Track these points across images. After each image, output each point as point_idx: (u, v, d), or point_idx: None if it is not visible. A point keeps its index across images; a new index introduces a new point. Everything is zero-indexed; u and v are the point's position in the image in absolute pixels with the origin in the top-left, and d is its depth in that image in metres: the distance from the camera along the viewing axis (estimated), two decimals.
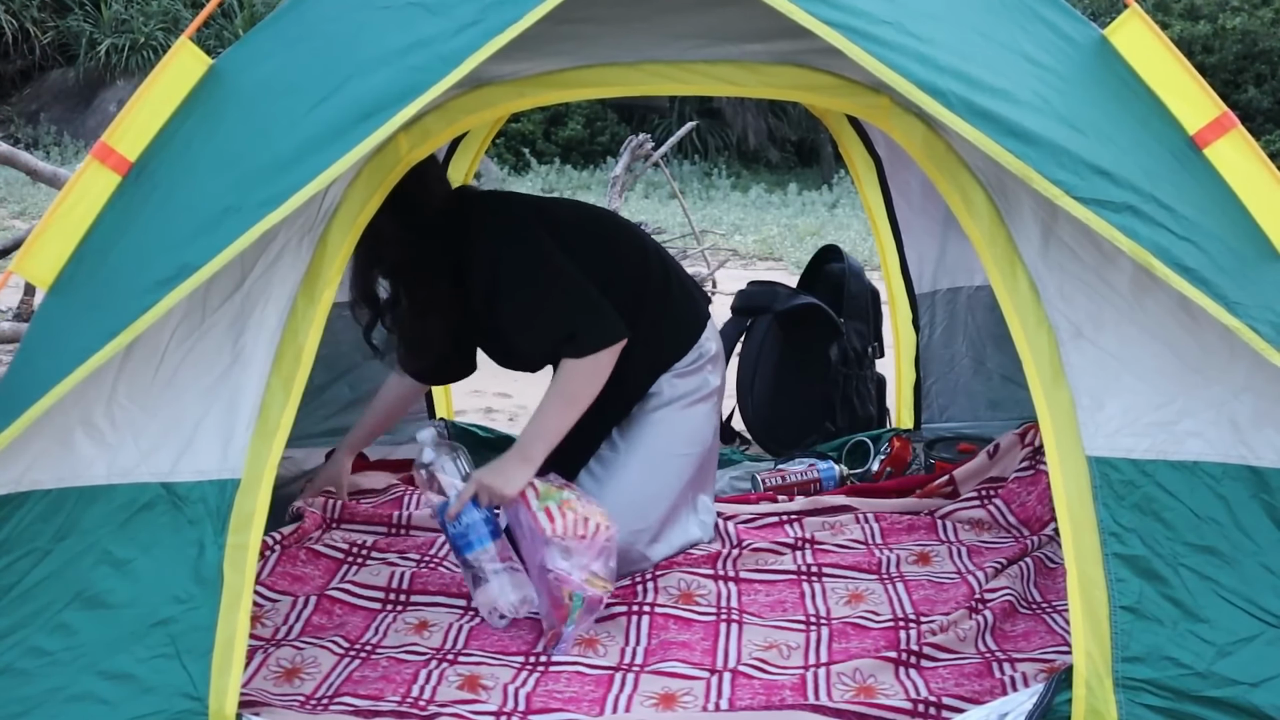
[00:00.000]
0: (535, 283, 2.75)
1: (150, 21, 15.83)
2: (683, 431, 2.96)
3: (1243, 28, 15.43)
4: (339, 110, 2.04)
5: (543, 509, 2.60)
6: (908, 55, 2.03)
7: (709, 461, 3.08)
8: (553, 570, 2.54)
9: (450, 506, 2.64)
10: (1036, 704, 2.07)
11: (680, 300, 3.02)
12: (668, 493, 2.93)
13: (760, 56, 2.31)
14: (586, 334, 2.71)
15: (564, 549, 2.56)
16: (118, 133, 2.15)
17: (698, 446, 2.98)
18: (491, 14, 2.03)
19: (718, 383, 3.05)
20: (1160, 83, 2.17)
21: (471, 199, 2.95)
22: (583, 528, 2.59)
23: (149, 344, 2.10)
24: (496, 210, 2.94)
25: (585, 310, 2.74)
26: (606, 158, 16.48)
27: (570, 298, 2.75)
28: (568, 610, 2.53)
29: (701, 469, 3.03)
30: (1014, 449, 3.42)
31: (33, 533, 2.07)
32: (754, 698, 2.29)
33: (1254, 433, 2.09)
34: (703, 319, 3.06)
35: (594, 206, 3.31)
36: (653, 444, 2.92)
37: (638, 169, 8.73)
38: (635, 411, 2.94)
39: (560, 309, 2.74)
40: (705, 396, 3.00)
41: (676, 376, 2.96)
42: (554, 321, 2.74)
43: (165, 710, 2.00)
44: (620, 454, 2.92)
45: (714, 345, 3.06)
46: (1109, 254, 2.11)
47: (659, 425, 2.94)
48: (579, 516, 2.60)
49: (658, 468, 2.92)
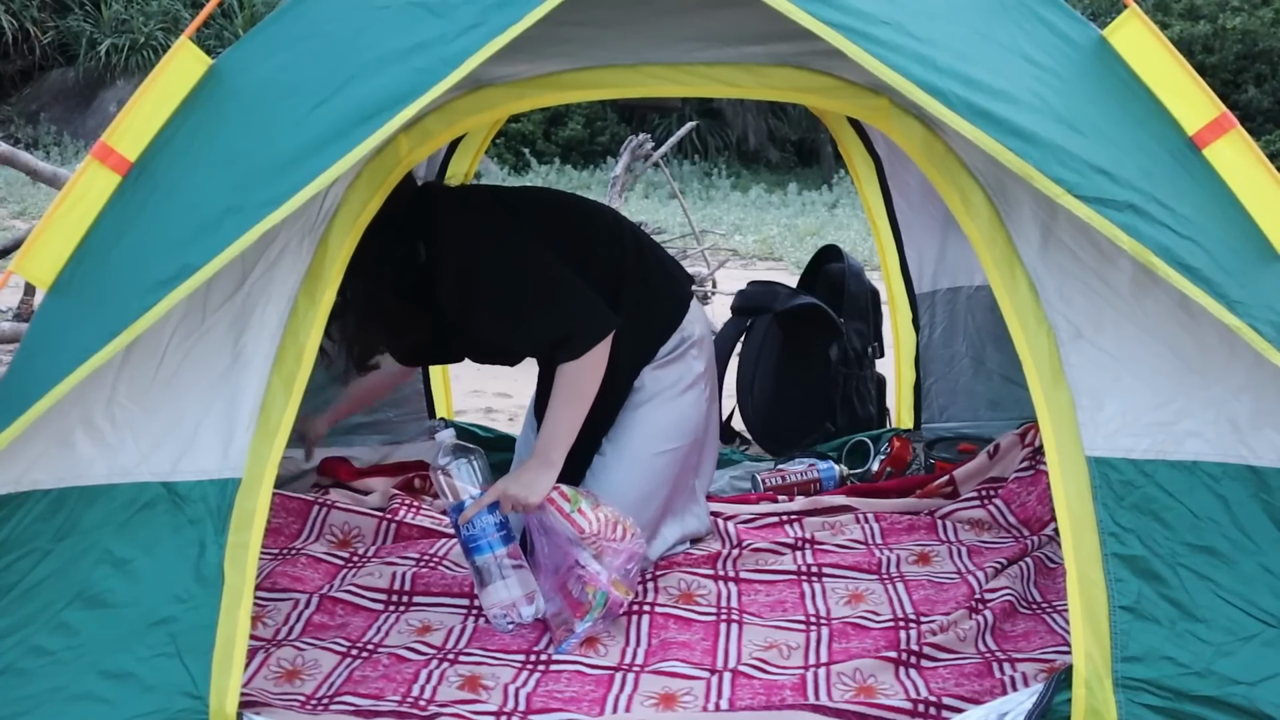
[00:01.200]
0: (519, 286, 2.66)
1: (150, 21, 15.82)
2: (668, 426, 2.89)
3: (1243, 28, 15.43)
4: (340, 111, 2.04)
5: (576, 510, 2.60)
6: (907, 56, 2.03)
7: (705, 449, 3.02)
8: (585, 569, 2.54)
9: (465, 511, 2.62)
10: (1036, 704, 2.07)
11: (660, 282, 2.93)
12: (659, 490, 2.89)
13: (759, 58, 2.31)
14: (580, 335, 2.64)
15: (596, 550, 2.57)
16: (118, 133, 2.16)
17: (687, 438, 2.91)
18: (492, 15, 2.03)
19: (702, 368, 2.95)
20: (1159, 83, 2.17)
21: (437, 194, 2.84)
22: (614, 531, 2.60)
23: (149, 344, 2.10)
24: (466, 206, 2.82)
25: (574, 310, 2.66)
26: (606, 158, 16.48)
27: (558, 298, 2.66)
28: (588, 608, 2.54)
29: (696, 458, 2.97)
30: (1014, 449, 3.42)
31: (33, 532, 2.08)
32: (754, 698, 2.29)
33: (1253, 433, 2.09)
34: (685, 300, 2.98)
35: (561, 191, 3.24)
36: (639, 444, 2.85)
37: (638, 169, 8.72)
38: (619, 410, 2.88)
39: (549, 312, 2.66)
40: (690, 385, 2.92)
41: (658, 368, 2.88)
42: (544, 326, 2.67)
43: (166, 709, 2.00)
44: (607, 457, 2.86)
45: (698, 328, 2.97)
46: (1108, 254, 2.12)
47: (644, 424, 2.86)
48: (609, 520, 2.61)
49: (645, 467, 2.85)
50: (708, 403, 3.00)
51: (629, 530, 2.62)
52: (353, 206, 2.22)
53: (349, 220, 2.22)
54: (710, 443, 3.08)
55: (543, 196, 3.09)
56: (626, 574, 2.60)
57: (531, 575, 2.65)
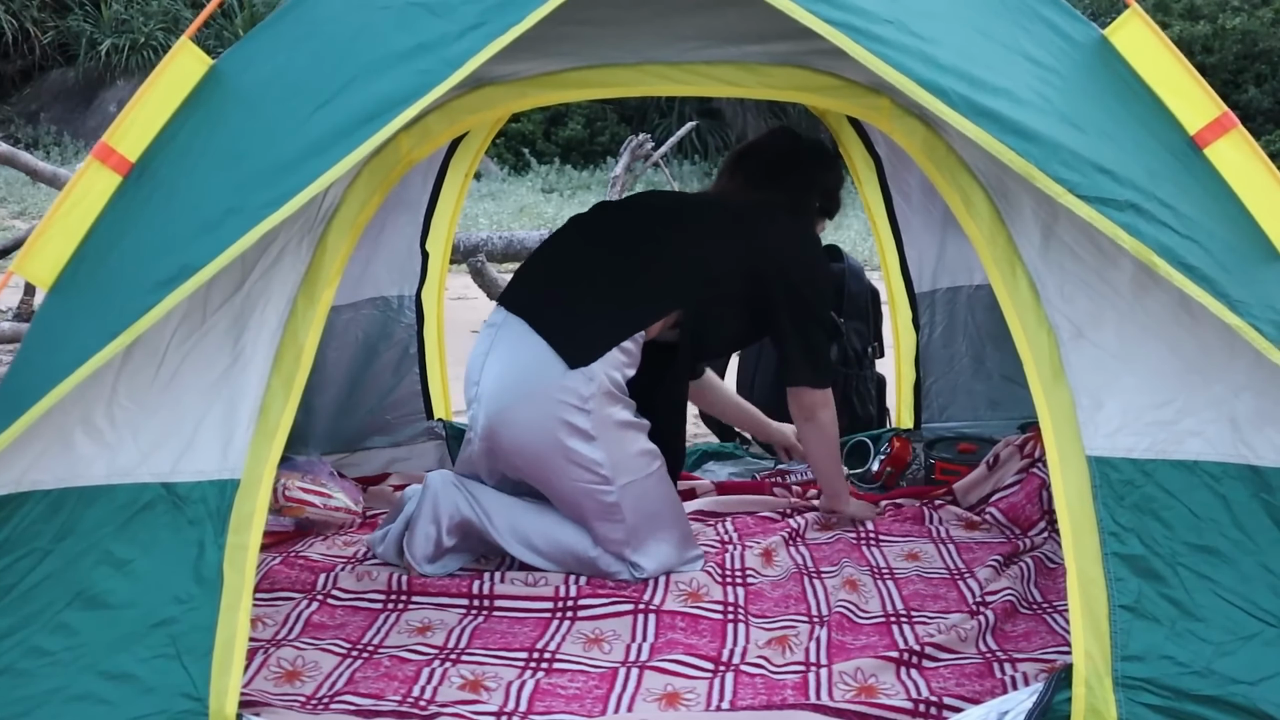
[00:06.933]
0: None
1: (150, 21, 15.83)
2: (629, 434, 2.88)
3: (1243, 28, 15.41)
4: (342, 112, 2.04)
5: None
6: (909, 54, 2.03)
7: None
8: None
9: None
10: (1036, 703, 2.07)
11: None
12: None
13: (760, 58, 2.31)
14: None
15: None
16: (118, 133, 2.15)
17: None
18: (493, 15, 2.03)
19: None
20: (1161, 83, 2.17)
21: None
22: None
23: (149, 344, 2.10)
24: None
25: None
26: (606, 158, 16.48)
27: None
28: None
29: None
30: (1013, 460, 3.42)
31: (33, 533, 2.07)
32: (756, 697, 2.29)
33: (1254, 432, 2.09)
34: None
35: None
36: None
37: (638, 169, 8.72)
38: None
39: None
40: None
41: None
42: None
43: (166, 710, 2.00)
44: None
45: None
46: (1109, 254, 2.11)
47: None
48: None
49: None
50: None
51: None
52: (352, 206, 2.22)
53: (349, 220, 2.22)
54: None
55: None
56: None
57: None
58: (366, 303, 3.70)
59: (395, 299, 3.76)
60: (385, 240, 3.64)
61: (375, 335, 3.74)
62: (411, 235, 3.76)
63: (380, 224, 3.52)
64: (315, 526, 3.23)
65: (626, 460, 2.81)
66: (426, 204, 3.76)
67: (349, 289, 3.57)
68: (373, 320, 3.72)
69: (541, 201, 14.00)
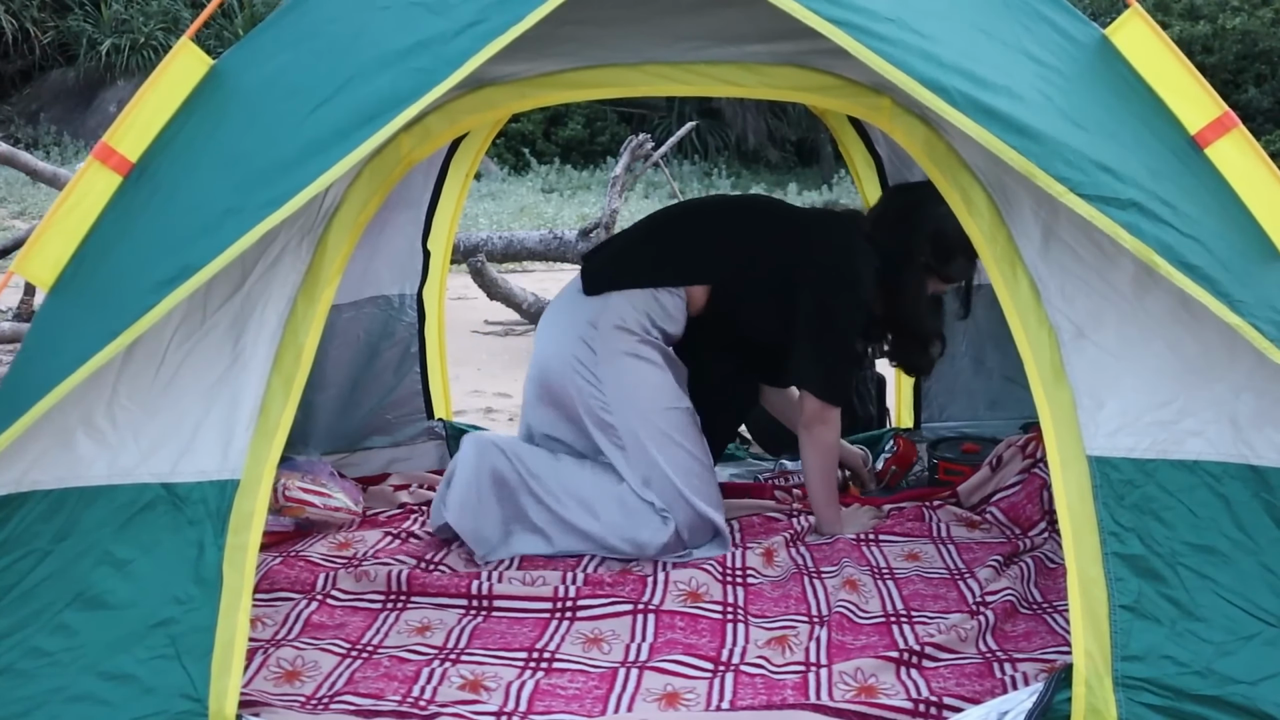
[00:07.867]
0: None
1: (150, 21, 15.83)
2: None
3: (1243, 28, 15.39)
4: (341, 112, 2.04)
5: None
6: (911, 52, 2.03)
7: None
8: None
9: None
10: (1036, 703, 2.07)
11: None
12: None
13: (761, 57, 2.31)
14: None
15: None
16: (119, 133, 2.16)
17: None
18: (493, 15, 2.03)
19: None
20: (1161, 82, 2.17)
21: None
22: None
23: (150, 345, 2.10)
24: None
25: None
26: (606, 158, 16.49)
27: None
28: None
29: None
30: (1015, 461, 3.42)
31: (33, 533, 2.08)
32: (756, 697, 2.29)
33: (1254, 432, 2.09)
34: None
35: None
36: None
37: (638, 169, 8.72)
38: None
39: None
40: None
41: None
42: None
43: (165, 711, 2.00)
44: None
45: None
46: (1110, 253, 2.11)
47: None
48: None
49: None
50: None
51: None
52: (353, 206, 2.22)
53: (349, 220, 2.22)
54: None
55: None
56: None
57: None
58: (368, 301, 3.70)
59: (397, 298, 3.76)
60: (387, 239, 3.65)
61: (376, 334, 3.74)
62: (413, 234, 3.76)
63: (382, 222, 3.52)
64: (315, 526, 3.23)
65: (627, 390, 3.03)
66: (428, 203, 3.77)
67: (350, 287, 3.57)
68: (374, 319, 3.72)
69: (541, 201, 13.99)
